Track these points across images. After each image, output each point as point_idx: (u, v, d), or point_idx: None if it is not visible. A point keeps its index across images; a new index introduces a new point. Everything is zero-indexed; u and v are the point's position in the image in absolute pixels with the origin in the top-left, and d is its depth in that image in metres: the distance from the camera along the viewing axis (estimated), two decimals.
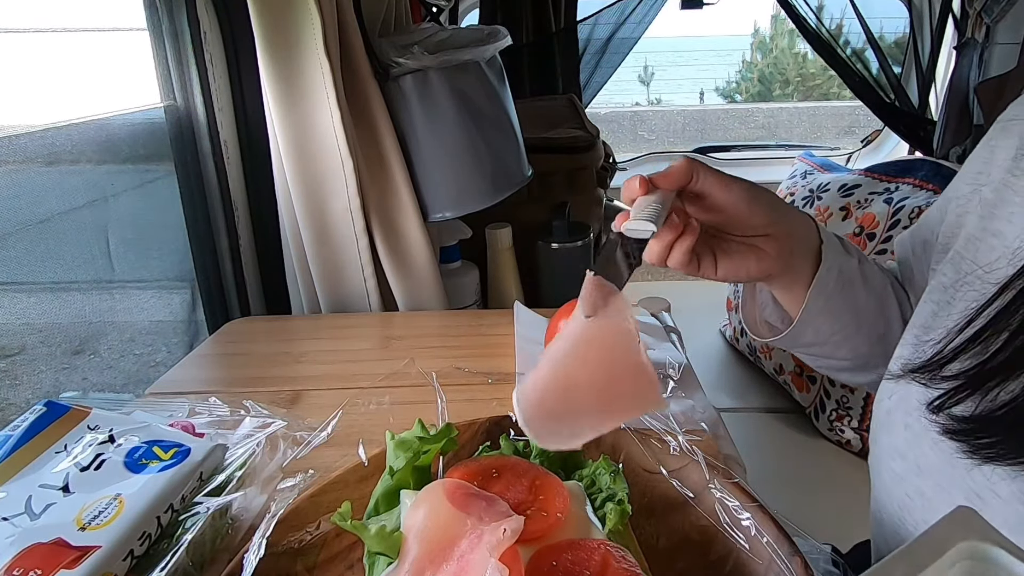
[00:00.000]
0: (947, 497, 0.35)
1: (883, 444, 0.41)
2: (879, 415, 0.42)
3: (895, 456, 0.39)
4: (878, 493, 0.42)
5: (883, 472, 0.41)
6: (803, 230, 0.45)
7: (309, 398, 0.63)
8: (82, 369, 0.74)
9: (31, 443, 0.41)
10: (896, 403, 0.40)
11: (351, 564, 0.38)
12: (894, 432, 0.40)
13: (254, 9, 0.72)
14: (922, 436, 0.37)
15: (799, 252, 0.45)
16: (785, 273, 0.45)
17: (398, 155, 0.82)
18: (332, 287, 0.84)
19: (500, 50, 0.90)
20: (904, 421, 0.39)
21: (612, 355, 0.35)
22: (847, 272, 0.47)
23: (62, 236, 0.71)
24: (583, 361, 0.36)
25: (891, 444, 0.40)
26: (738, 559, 0.36)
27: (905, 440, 0.38)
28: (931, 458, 0.37)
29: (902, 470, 0.39)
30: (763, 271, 0.45)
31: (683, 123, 3.59)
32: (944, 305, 0.40)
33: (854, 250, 0.49)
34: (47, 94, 0.73)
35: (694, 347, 0.84)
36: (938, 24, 1.59)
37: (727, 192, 0.42)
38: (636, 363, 0.35)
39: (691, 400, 0.58)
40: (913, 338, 0.41)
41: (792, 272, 0.46)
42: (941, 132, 1.55)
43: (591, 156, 1.11)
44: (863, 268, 0.48)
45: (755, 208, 0.42)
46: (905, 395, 0.39)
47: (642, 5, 1.79)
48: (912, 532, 0.38)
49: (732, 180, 0.42)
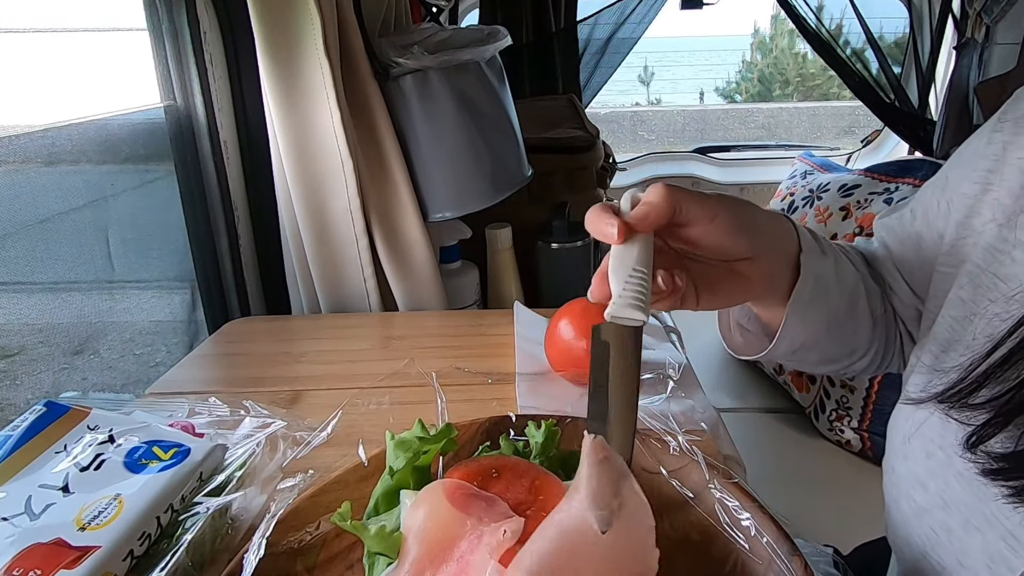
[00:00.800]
0: (979, 537, 0.33)
1: (901, 472, 0.38)
2: (894, 441, 0.40)
3: (915, 486, 0.37)
4: (897, 523, 0.40)
5: (902, 503, 0.38)
6: (784, 243, 0.42)
7: (309, 398, 0.63)
8: (82, 369, 0.74)
9: (31, 443, 0.41)
10: (913, 429, 0.38)
11: (351, 564, 0.38)
12: (913, 460, 0.37)
13: (254, 9, 0.72)
14: (946, 467, 0.35)
15: (779, 269, 0.42)
16: (766, 293, 0.43)
17: (398, 155, 0.82)
18: (332, 287, 0.84)
19: (500, 50, 0.90)
20: (925, 449, 0.36)
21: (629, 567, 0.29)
22: (823, 278, 0.43)
23: (62, 236, 0.71)
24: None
25: (910, 472, 0.37)
26: (738, 559, 0.36)
27: (927, 470, 0.36)
28: (957, 492, 0.34)
29: (924, 502, 0.36)
30: (746, 296, 0.42)
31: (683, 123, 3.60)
32: (963, 322, 0.38)
33: (829, 249, 0.46)
34: (47, 94, 0.73)
35: (694, 347, 0.84)
36: (938, 24, 1.59)
37: (711, 224, 0.37)
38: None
39: (691, 400, 0.58)
40: (931, 358, 0.38)
41: (772, 289, 0.43)
42: (941, 132, 1.55)
43: (591, 156, 1.11)
44: (838, 268, 0.45)
45: (739, 237, 0.38)
46: (925, 422, 0.37)
47: (642, 5, 1.79)
48: (940, 570, 0.36)
49: (716, 207, 0.37)
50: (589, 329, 0.60)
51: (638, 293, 0.34)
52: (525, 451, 0.42)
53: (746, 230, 0.38)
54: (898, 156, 1.85)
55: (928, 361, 0.39)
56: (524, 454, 0.42)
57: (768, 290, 0.42)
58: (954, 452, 0.34)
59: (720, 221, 0.37)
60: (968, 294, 0.38)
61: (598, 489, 0.29)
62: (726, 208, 0.37)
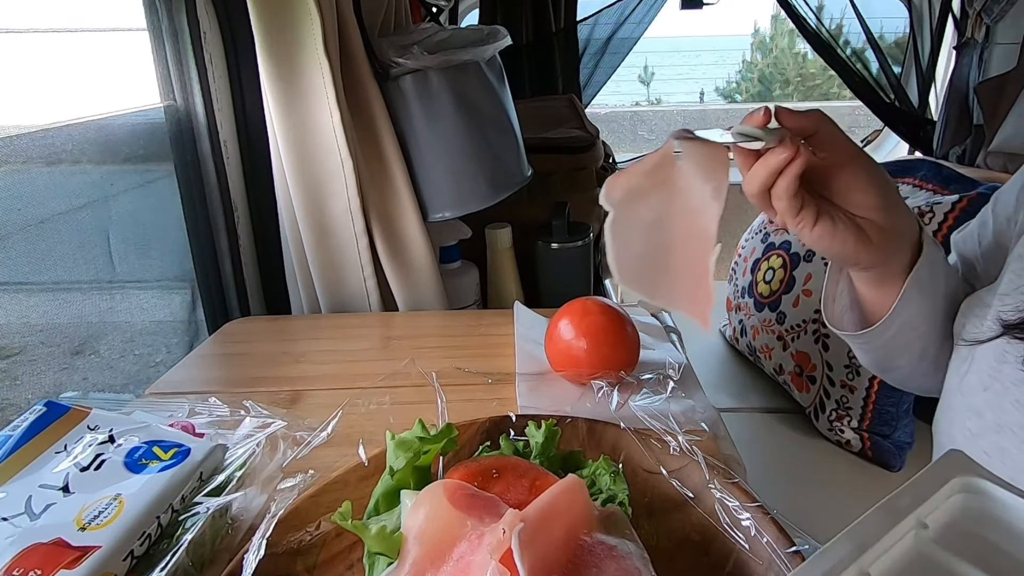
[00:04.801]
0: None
1: (957, 406, 0.43)
2: (951, 382, 0.44)
3: (971, 416, 0.41)
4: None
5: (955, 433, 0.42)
6: (907, 226, 0.44)
7: (309, 398, 0.63)
8: (82, 369, 0.74)
9: (31, 443, 0.41)
10: (970, 367, 0.42)
11: (351, 564, 0.38)
12: (970, 393, 0.42)
13: (254, 9, 0.72)
14: (1003, 396, 0.39)
15: (898, 247, 0.44)
16: (881, 264, 0.44)
17: (398, 155, 0.82)
18: (332, 287, 0.84)
19: (500, 50, 0.90)
20: (983, 383, 0.41)
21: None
22: (937, 264, 0.47)
23: (62, 236, 0.71)
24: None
25: (967, 404, 0.42)
26: (738, 559, 0.36)
27: (984, 400, 0.40)
28: (1013, 416, 0.38)
29: (978, 428, 0.40)
30: (857, 253, 0.43)
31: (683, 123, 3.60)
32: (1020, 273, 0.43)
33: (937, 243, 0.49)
34: (47, 94, 0.73)
35: (694, 347, 0.84)
36: (938, 24, 1.59)
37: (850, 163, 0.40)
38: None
39: (691, 400, 0.58)
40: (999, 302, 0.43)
41: (887, 265, 0.45)
42: (941, 132, 1.55)
43: (591, 156, 1.11)
44: (947, 262, 0.49)
45: (870, 191, 0.41)
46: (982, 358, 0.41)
47: (642, 5, 1.79)
48: None
49: (859, 152, 0.41)
50: (589, 329, 0.60)
51: (766, 131, 0.37)
52: (525, 451, 0.42)
53: (882, 187, 0.41)
54: (898, 156, 1.85)
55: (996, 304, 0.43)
56: (524, 454, 0.42)
57: (882, 261, 0.44)
58: (1011, 382, 0.39)
59: (860, 163, 0.40)
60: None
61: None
62: (869, 158, 0.41)
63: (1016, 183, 0.49)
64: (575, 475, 0.36)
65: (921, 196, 1.20)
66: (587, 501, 0.35)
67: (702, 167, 0.35)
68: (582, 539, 0.33)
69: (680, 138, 0.35)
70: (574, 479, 0.35)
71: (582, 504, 0.34)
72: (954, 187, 1.19)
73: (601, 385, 0.57)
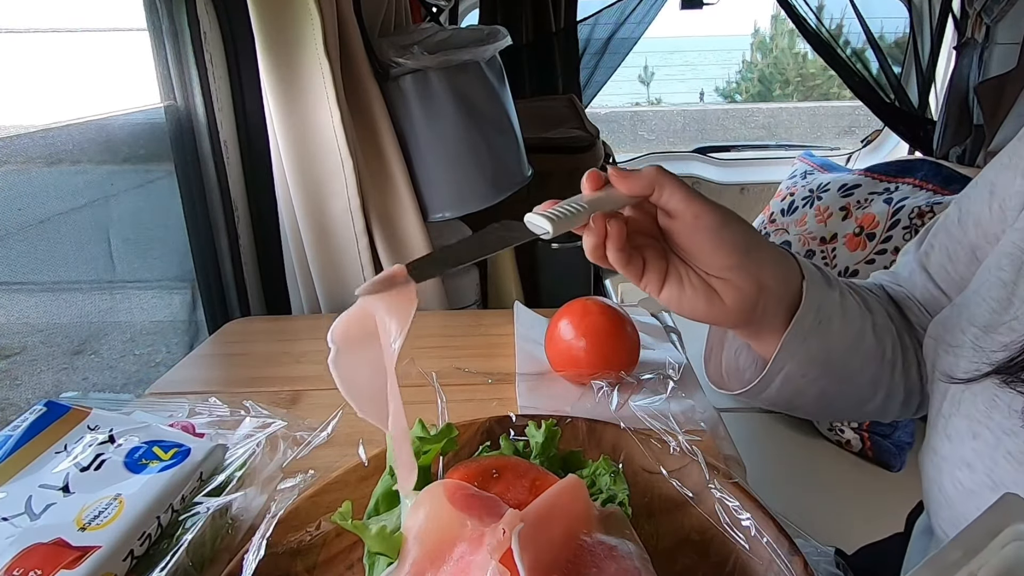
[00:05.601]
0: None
1: (944, 453, 0.38)
2: (936, 423, 0.40)
3: (961, 467, 0.37)
4: (940, 504, 0.39)
5: (946, 484, 0.38)
6: (778, 280, 0.40)
7: (309, 398, 0.63)
8: (82, 369, 0.74)
9: (31, 443, 0.41)
10: (953, 408, 0.38)
11: (351, 564, 0.38)
12: (958, 440, 0.37)
13: (254, 9, 0.72)
14: (995, 448, 0.35)
15: (767, 306, 0.40)
16: (745, 324, 0.41)
17: (398, 155, 0.82)
18: (332, 287, 0.84)
19: (500, 50, 0.90)
20: (971, 430, 0.36)
21: None
22: (827, 309, 0.42)
23: (62, 236, 0.71)
24: None
25: (955, 454, 0.37)
26: (738, 559, 0.36)
27: (974, 451, 0.36)
28: (1008, 472, 0.34)
29: (971, 483, 0.36)
30: (712, 316, 0.40)
31: (683, 123, 3.60)
32: (1005, 303, 0.38)
33: (836, 283, 0.44)
34: (47, 94, 0.73)
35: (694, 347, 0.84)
36: (938, 24, 1.59)
37: (692, 222, 0.37)
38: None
39: (691, 400, 0.58)
40: (972, 339, 0.38)
41: (756, 324, 0.41)
42: (941, 132, 1.55)
43: (591, 156, 1.11)
44: (843, 302, 0.43)
45: (718, 251, 0.37)
46: (967, 402, 0.37)
47: (642, 5, 1.79)
48: None
49: (702, 209, 0.37)
50: (589, 329, 0.60)
51: (559, 211, 0.36)
52: (525, 451, 0.42)
53: (733, 244, 0.37)
54: (898, 156, 1.85)
55: (969, 342, 0.39)
56: (524, 454, 0.42)
57: (746, 322, 0.41)
58: (1003, 432, 0.34)
59: (701, 224, 0.37)
60: (1009, 276, 0.39)
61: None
62: (714, 216, 0.37)
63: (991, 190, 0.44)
64: (575, 475, 0.36)
65: (921, 196, 1.20)
66: (587, 501, 0.35)
67: (391, 311, 0.34)
68: (582, 539, 0.33)
69: (365, 294, 0.34)
70: (574, 479, 0.35)
71: (582, 504, 0.34)
72: (954, 187, 1.19)
73: (601, 385, 0.57)
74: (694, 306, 0.39)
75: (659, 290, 0.39)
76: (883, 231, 1.18)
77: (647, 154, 2.18)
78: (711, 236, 0.37)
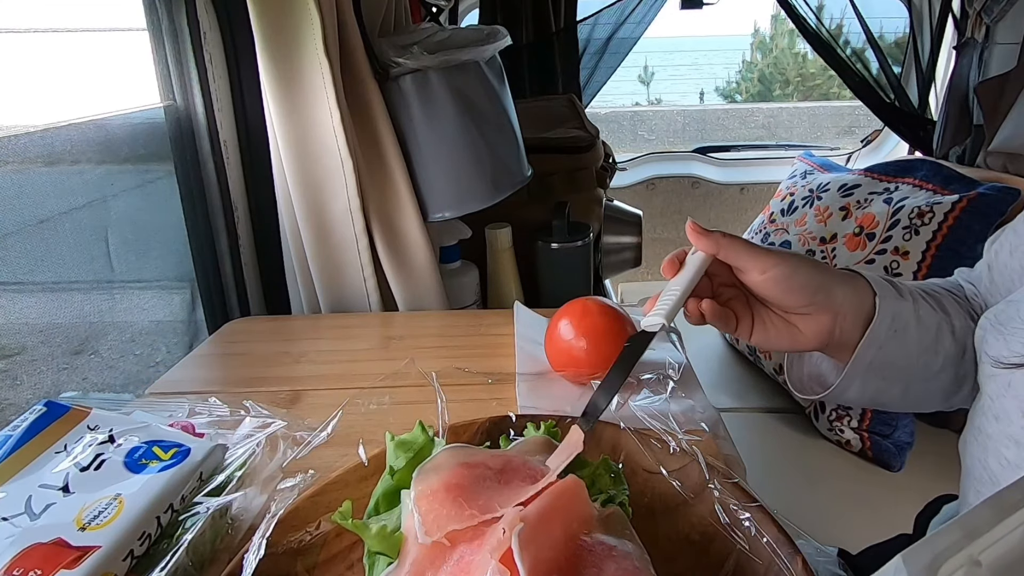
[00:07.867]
0: None
1: (991, 432, 0.41)
2: (982, 403, 0.42)
3: (1008, 444, 0.39)
4: (981, 481, 0.41)
5: (990, 461, 0.41)
6: (851, 303, 0.45)
7: (309, 398, 0.63)
8: (82, 369, 0.74)
9: (31, 443, 0.41)
10: (1003, 390, 0.40)
11: (351, 564, 0.38)
12: (1007, 421, 0.40)
13: (254, 9, 0.72)
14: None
15: (844, 327, 0.45)
16: (824, 347, 0.46)
17: (398, 155, 0.82)
18: (332, 287, 0.84)
19: (500, 50, 0.90)
20: (1021, 408, 0.39)
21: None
22: (901, 317, 0.46)
23: (62, 236, 0.71)
24: None
25: (1003, 432, 0.40)
26: (738, 559, 0.36)
27: (1022, 427, 0.38)
28: None
29: (1017, 458, 0.38)
30: (798, 347, 0.45)
31: (683, 123, 3.59)
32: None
33: (908, 293, 0.48)
34: (47, 94, 0.73)
35: (694, 347, 0.84)
36: (938, 24, 1.59)
37: (763, 276, 0.43)
38: None
39: (691, 400, 0.58)
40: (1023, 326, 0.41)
41: (837, 344, 0.46)
42: (941, 132, 1.55)
43: (591, 156, 1.11)
44: (917, 309, 0.47)
45: (792, 294, 0.43)
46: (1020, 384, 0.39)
47: (642, 5, 1.79)
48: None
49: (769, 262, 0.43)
50: (589, 329, 0.60)
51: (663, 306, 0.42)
52: None
53: (801, 289, 0.43)
54: (898, 156, 1.85)
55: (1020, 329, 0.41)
56: None
57: (828, 346, 0.46)
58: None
59: (772, 276, 0.43)
60: None
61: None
62: (783, 265, 0.43)
63: None
64: (575, 475, 0.36)
65: (921, 196, 1.20)
66: (587, 501, 0.35)
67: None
68: (582, 539, 0.33)
69: (561, 468, 0.38)
70: (574, 479, 0.35)
71: (582, 504, 0.34)
72: (954, 187, 1.19)
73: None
74: (779, 342, 0.46)
75: (749, 336, 0.46)
76: (883, 231, 1.18)
77: (647, 154, 2.18)
78: (781, 285, 0.43)
